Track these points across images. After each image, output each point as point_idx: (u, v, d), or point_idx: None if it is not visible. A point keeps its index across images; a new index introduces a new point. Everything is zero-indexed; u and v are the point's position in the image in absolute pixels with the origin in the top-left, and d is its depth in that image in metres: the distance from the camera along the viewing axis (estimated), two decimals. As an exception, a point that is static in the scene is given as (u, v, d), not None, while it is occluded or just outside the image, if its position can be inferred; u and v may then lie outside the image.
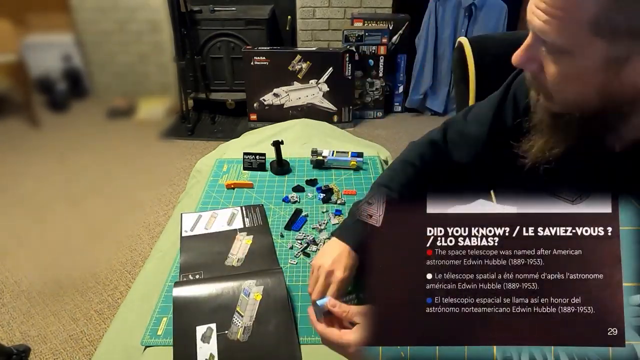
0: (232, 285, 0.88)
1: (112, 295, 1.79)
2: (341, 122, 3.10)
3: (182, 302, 0.85)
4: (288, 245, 1.05)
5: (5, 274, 1.91)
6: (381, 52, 3.10)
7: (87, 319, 1.69)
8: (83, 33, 2.85)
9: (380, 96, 3.24)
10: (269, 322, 0.83)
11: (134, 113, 3.10)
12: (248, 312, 0.84)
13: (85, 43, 2.86)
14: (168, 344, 0.82)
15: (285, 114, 3.04)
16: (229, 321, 0.83)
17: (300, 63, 2.97)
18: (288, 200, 1.20)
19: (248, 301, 0.85)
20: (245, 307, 0.84)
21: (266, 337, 0.81)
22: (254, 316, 0.83)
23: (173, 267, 1.00)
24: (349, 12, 3.20)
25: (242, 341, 0.80)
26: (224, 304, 0.85)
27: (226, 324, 0.82)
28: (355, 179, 1.29)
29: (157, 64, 3.04)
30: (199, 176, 1.38)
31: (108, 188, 2.51)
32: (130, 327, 0.87)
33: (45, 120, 3.00)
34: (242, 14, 3.07)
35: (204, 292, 0.87)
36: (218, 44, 3.10)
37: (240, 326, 0.82)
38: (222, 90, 3.26)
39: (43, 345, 1.59)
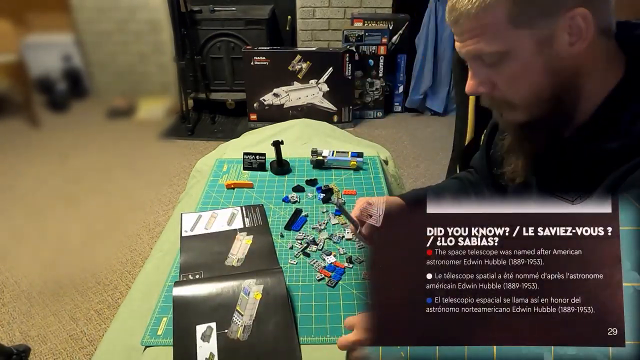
0: (232, 284, 0.88)
1: (112, 295, 1.79)
2: (341, 122, 3.10)
3: (182, 301, 0.85)
4: (288, 245, 1.05)
5: (5, 274, 1.91)
6: (381, 52, 3.10)
7: (87, 319, 1.69)
8: (83, 33, 2.85)
9: (380, 96, 3.24)
10: (269, 321, 0.83)
11: (134, 113, 3.10)
12: (248, 311, 0.84)
13: (85, 43, 2.86)
14: (168, 344, 0.82)
15: (285, 114, 3.04)
16: (229, 320, 0.82)
17: (300, 63, 2.97)
18: (288, 200, 1.20)
19: (248, 300, 0.85)
20: (245, 306, 0.84)
21: (266, 336, 0.81)
22: (254, 315, 0.83)
23: (173, 267, 1.00)
24: (349, 12, 3.20)
25: (242, 340, 0.80)
26: (224, 303, 0.85)
27: (226, 323, 0.82)
28: (355, 179, 1.29)
29: (157, 64, 3.04)
30: (199, 176, 1.38)
31: (108, 188, 2.51)
32: (130, 327, 0.87)
33: (45, 120, 3.00)
34: (242, 14, 3.07)
35: (203, 291, 0.87)
36: (218, 44, 3.10)
37: (240, 325, 0.82)
38: (222, 90, 3.26)
39: (43, 345, 1.59)
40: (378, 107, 3.28)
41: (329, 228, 1.10)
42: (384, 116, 3.30)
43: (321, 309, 0.88)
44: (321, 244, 1.04)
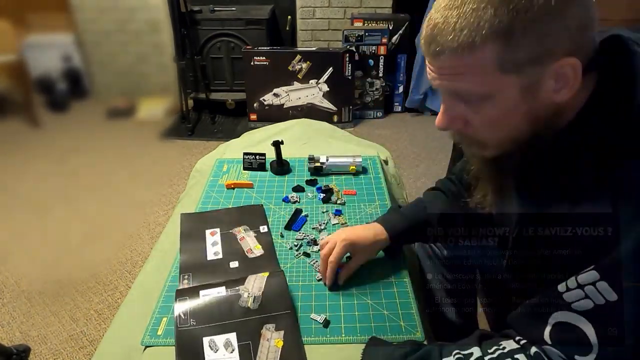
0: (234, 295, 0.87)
1: (112, 295, 1.79)
2: (341, 122, 3.10)
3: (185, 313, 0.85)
4: (288, 246, 1.05)
5: (5, 274, 1.91)
6: (381, 52, 3.10)
7: (87, 319, 1.69)
8: (83, 33, 2.84)
9: (380, 96, 3.24)
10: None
11: (134, 113, 3.09)
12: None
13: (85, 43, 2.86)
14: (168, 344, 0.82)
15: (285, 114, 3.03)
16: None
17: (300, 63, 2.97)
18: (288, 200, 1.20)
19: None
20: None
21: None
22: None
23: (173, 267, 1.00)
24: (349, 12, 3.20)
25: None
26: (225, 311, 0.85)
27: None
28: (355, 179, 1.29)
29: (157, 64, 3.03)
30: (199, 176, 1.38)
31: (108, 188, 2.51)
32: (130, 327, 0.87)
33: (45, 120, 2.99)
34: (242, 14, 3.06)
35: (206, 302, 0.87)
36: (218, 44, 3.10)
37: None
38: (222, 90, 3.25)
39: (43, 345, 1.59)
40: (378, 107, 3.27)
41: (329, 228, 1.10)
42: (384, 116, 3.30)
43: (321, 309, 0.88)
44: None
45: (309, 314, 0.87)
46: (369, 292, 0.91)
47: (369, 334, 0.82)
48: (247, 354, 0.78)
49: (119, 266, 1.93)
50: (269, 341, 0.80)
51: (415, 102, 3.27)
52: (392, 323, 0.85)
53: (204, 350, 0.79)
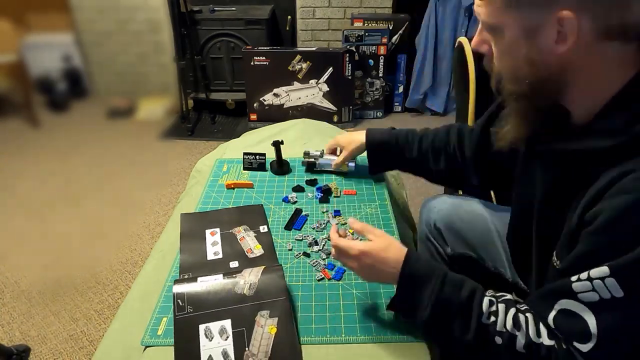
0: (230, 282, 0.88)
1: (112, 295, 1.79)
2: (341, 122, 3.09)
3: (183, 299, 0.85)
4: (288, 246, 1.05)
5: (5, 274, 1.91)
6: (381, 52, 3.10)
7: (87, 319, 1.69)
8: (83, 33, 2.84)
9: (380, 96, 3.24)
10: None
11: (134, 113, 3.10)
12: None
13: (85, 43, 2.86)
14: (168, 344, 0.82)
15: (285, 114, 3.03)
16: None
17: (300, 63, 2.97)
18: (288, 200, 1.20)
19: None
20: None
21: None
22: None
23: (173, 267, 1.00)
24: (349, 12, 3.20)
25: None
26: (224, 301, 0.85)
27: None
28: (355, 179, 1.28)
29: (157, 64, 3.04)
30: (199, 176, 1.38)
31: (108, 188, 2.51)
32: (130, 327, 0.87)
33: (45, 120, 2.99)
34: (242, 14, 3.06)
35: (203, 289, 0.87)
36: (218, 44, 3.10)
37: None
38: (222, 90, 3.25)
39: (43, 345, 1.59)
40: (378, 107, 3.27)
41: (329, 228, 1.10)
42: (384, 116, 3.30)
43: (321, 309, 0.88)
44: (322, 243, 1.04)
45: (309, 314, 0.87)
46: (369, 292, 0.91)
47: (369, 334, 0.82)
48: (241, 340, 0.79)
49: (119, 266, 1.93)
50: (262, 328, 0.81)
51: (415, 102, 3.27)
52: (393, 323, 0.85)
53: (200, 339, 0.79)
